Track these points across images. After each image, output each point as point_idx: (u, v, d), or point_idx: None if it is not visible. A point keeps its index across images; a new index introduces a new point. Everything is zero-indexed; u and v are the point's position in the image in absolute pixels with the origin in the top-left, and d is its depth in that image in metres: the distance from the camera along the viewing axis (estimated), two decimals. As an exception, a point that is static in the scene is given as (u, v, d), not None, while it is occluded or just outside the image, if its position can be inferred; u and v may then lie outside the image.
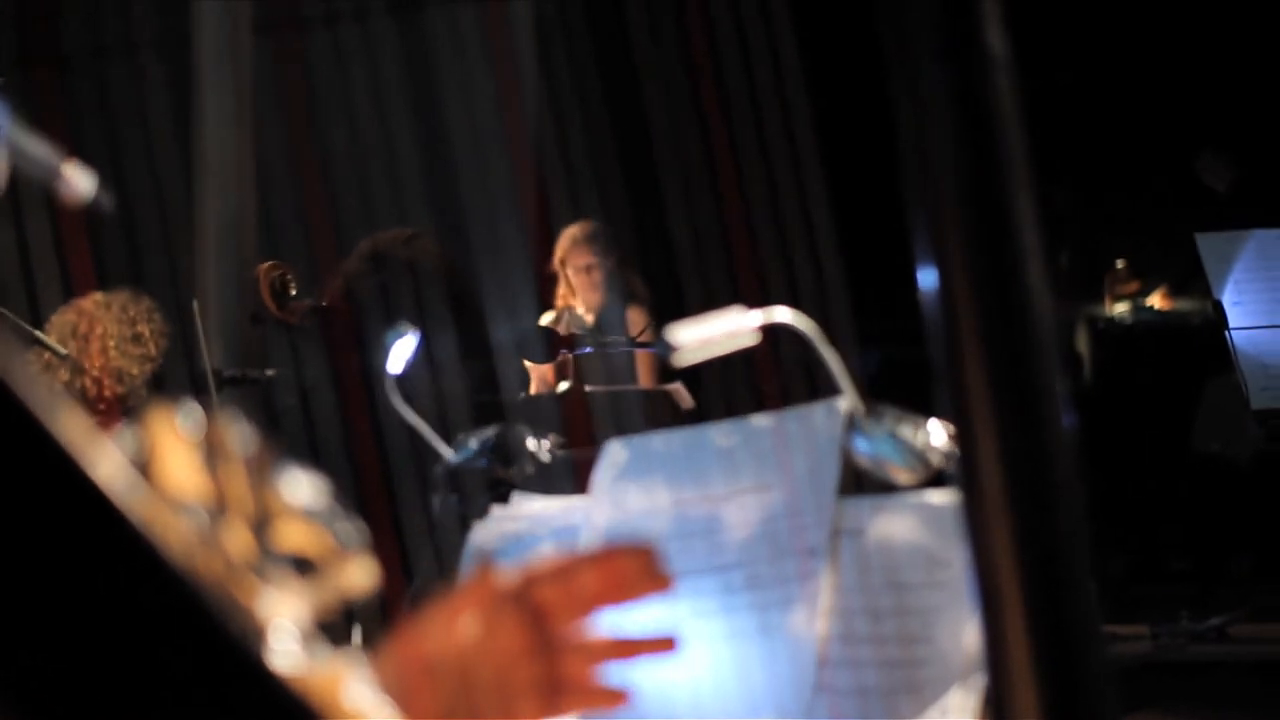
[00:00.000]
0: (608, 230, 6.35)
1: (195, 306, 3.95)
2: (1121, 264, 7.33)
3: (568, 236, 6.32)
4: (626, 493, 1.63)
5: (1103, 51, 7.80)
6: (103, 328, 3.53)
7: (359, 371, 3.69)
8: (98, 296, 3.65)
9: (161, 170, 6.73)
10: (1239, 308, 5.46)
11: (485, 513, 1.72)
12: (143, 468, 0.70)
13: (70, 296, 3.71)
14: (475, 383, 3.80)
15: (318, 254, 5.97)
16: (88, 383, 3.50)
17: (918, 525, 1.48)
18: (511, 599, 1.18)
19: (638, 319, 6.21)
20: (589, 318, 6.17)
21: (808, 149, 7.05)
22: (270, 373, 4.23)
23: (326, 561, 0.75)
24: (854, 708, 1.44)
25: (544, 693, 1.17)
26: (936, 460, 1.54)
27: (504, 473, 2.38)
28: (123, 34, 7.07)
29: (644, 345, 5.40)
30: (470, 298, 3.96)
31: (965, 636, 1.41)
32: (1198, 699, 5.06)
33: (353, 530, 0.77)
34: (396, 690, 0.91)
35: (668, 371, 5.27)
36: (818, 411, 1.57)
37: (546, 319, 6.11)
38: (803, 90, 7.04)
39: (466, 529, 1.73)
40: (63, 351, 3.44)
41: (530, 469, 2.36)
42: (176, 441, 0.72)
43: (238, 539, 0.71)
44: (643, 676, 1.23)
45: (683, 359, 1.77)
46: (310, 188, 6.90)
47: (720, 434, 1.61)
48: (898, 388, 1.88)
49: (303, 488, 0.76)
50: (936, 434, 1.53)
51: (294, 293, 4.04)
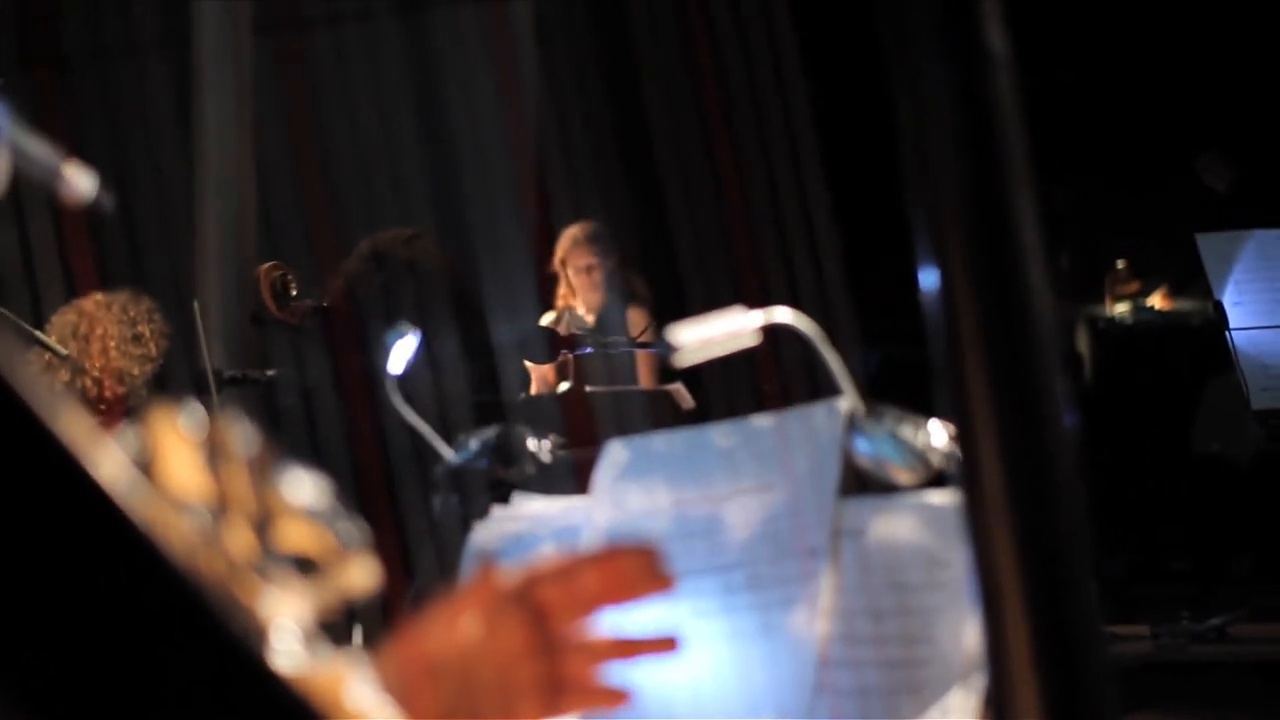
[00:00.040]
0: (608, 231, 6.34)
1: (195, 307, 3.95)
2: (1122, 264, 7.33)
3: (568, 237, 6.32)
4: (627, 493, 1.63)
5: (1103, 51, 7.80)
6: (103, 328, 3.53)
7: (360, 372, 3.69)
8: (98, 297, 3.65)
9: (163, 170, 6.73)
10: (1239, 308, 5.46)
11: (486, 513, 1.72)
12: (145, 468, 0.70)
13: (73, 296, 3.71)
14: (476, 383, 3.80)
15: (319, 254, 5.97)
16: (88, 383, 3.49)
17: (918, 525, 1.48)
18: (513, 599, 1.19)
19: (638, 319, 6.20)
20: (589, 318, 6.17)
21: (808, 149, 7.04)
22: (271, 373, 4.23)
23: (328, 561, 0.75)
24: (855, 708, 1.44)
25: (545, 693, 1.17)
26: (937, 460, 1.54)
27: (505, 473, 2.37)
28: (123, 34, 7.07)
29: (645, 345, 5.40)
30: (471, 298, 3.95)
31: (966, 637, 1.41)
32: (1198, 699, 5.06)
33: (354, 530, 0.77)
34: (398, 690, 0.91)
35: (668, 372, 5.27)
36: (818, 412, 1.57)
37: (547, 319, 6.10)
38: (803, 90, 7.04)
39: (467, 529, 1.73)
40: (63, 352, 3.44)
41: (531, 469, 2.36)
42: (178, 441, 0.72)
43: (239, 539, 0.71)
44: (644, 676, 1.23)
45: (683, 359, 1.77)
46: (311, 188, 6.90)
47: (721, 434, 1.61)
48: (898, 388, 1.87)
49: (304, 488, 0.76)
50: (937, 434, 1.53)
51: (295, 293, 4.03)
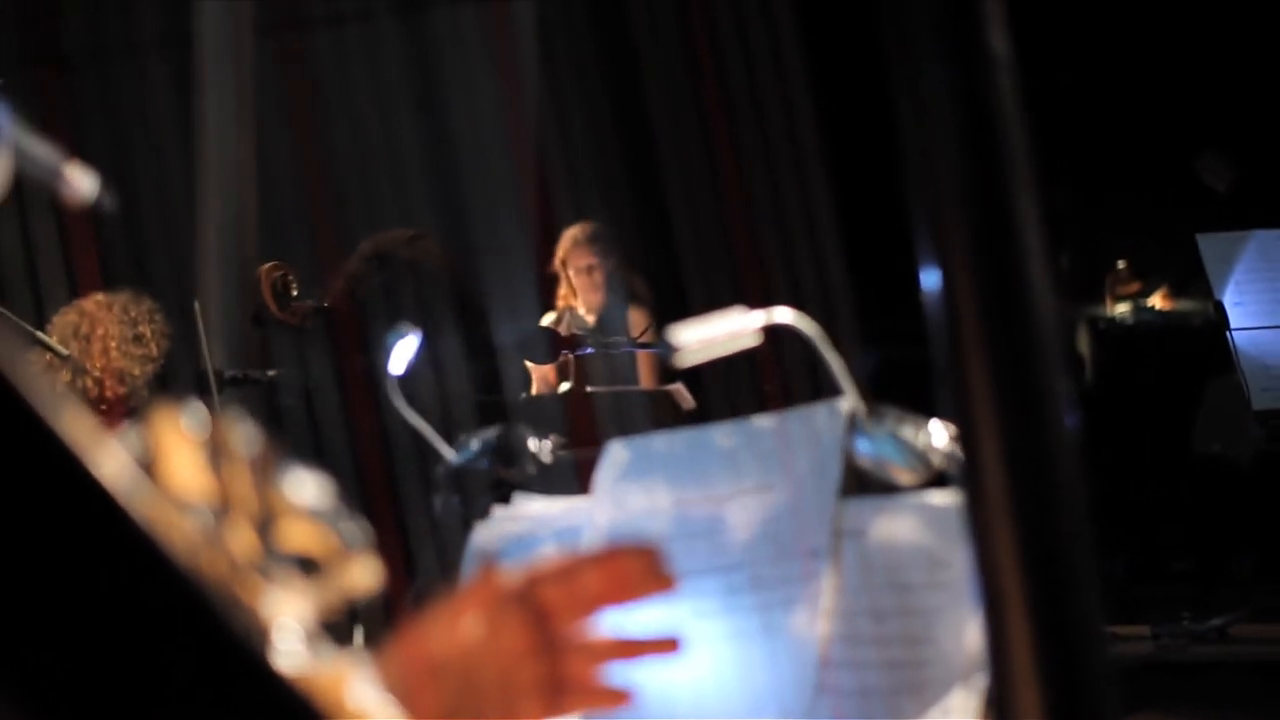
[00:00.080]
0: (609, 231, 6.34)
1: (196, 307, 3.95)
2: (1123, 264, 7.33)
3: (569, 237, 6.32)
4: (628, 493, 1.63)
5: (1104, 52, 7.80)
6: (104, 328, 3.53)
7: (361, 372, 3.68)
8: (99, 297, 3.65)
9: (165, 170, 6.73)
10: (1240, 308, 5.46)
11: (487, 513, 1.72)
12: (147, 468, 0.70)
13: (75, 297, 3.71)
14: (477, 383, 3.80)
15: (320, 255, 5.97)
16: (89, 383, 3.49)
17: (920, 526, 1.48)
18: (514, 599, 1.19)
19: (639, 320, 6.20)
20: (590, 318, 6.17)
21: (810, 149, 7.04)
22: (272, 373, 4.22)
23: (330, 561, 0.75)
24: (856, 708, 1.44)
25: (547, 693, 1.17)
26: (938, 461, 1.54)
27: (506, 473, 2.37)
28: (124, 34, 7.08)
29: (645, 346, 5.39)
30: (472, 298, 3.95)
31: (967, 637, 1.41)
32: (1199, 699, 5.06)
33: (356, 530, 0.77)
34: (400, 690, 0.91)
35: (669, 372, 5.26)
36: (820, 412, 1.57)
37: (547, 320, 6.10)
38: (805, 90, 7.04)
39: (469, 530, 1.73)
40: (64, 352, 3.44)
41: (532, 469, 2.36)
42: (181, 441, 0.72)
43: (242, 539, 0.72)
44: (645, 677, 1.23)
45: (684, 360, 1.76)
46: (313, 188, 6.90)
47: (722, 434, 1.61)
48: (900, 388, 1.88)
49: (306, 488, 0.76)
50: (938, 435, 1.53)
51: (296, 293, 4.03)
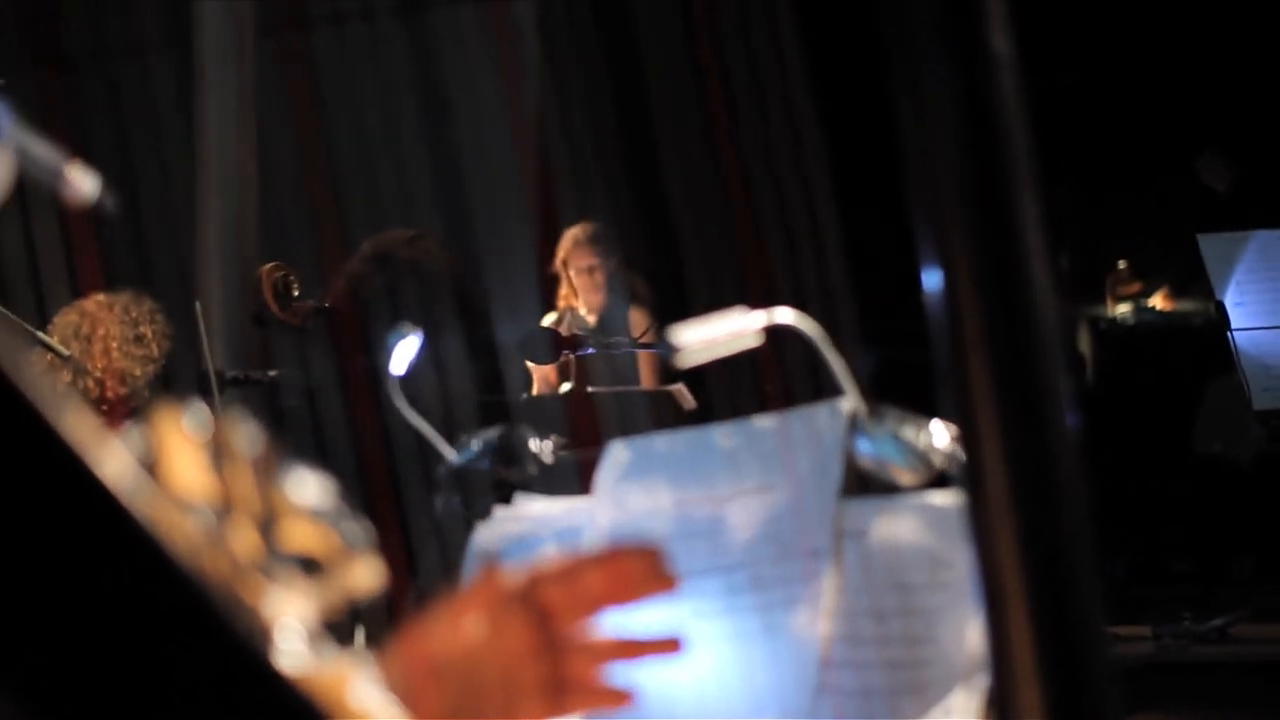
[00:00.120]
0: (610, 231, 6.34)
1: (197, 307, 3.95)
2: (1123, 265, 7.33)
3: (569, 238, 6.32)
4: (629, 494, 1.63)
5: (1105, 52, 7.80)
6: (105, 329, 3.53)
7: (363, 372, 3.68)
8: (100, 297, 3.65)
9: (166, 171, 6.73)
10: (1241, 308, 5.46)
11: (488, 514, 1.72)
12: (149, 468, 0.70)
13: (77, 297, 3.71)
14: (478, 384, 3.80)
15: (322, 255, 5.97)
16: (90, 384, 3.50)
17: (921, 526, 1.48)
18: (516, 599, 1.19)
19: (640, 320, 6.20)
20: (591, 319, 6.17)
21: (811, 149, 7.05)
22: (273, 374, 4.23)
23: (332, 561, 0.75)
24: (857, 708, 1.44)
25: (549, 693, 1.17)
26: (939, 461, 1.54)
27: (507, 473, 2.38)
28: (126, 34, 7.08)
29: (647, 346, 5.39)
30: (474, 298, 3.95)
31: (969, 637, 1.41)
32: (1200, 700, 5.06)
33: (358, 530, 0.77)
34: (402, 690, 0.91)
35: (670, 372, 5.26)
36: (821, 412, 1.57)
37: (549, 320, 6.10)
38: (806, 91, 7.04)
39: (470, 530, 1.73)
40: (65, 353, 3.44)
41: (533, 470, 2.36)
42: (183, 441, 0.72)
43: (244, 539, 0.72)
44: (647, 677, 1.23)
45: (686, 360, 1.77)
46: (314, 188, 6.90)
47: (723, 435, 1.61)
48: (901, 389, 1.88)
49: (309, 488, 0.76)
50: (939, 435, 1.53)
51: (297, 294, 4.03)
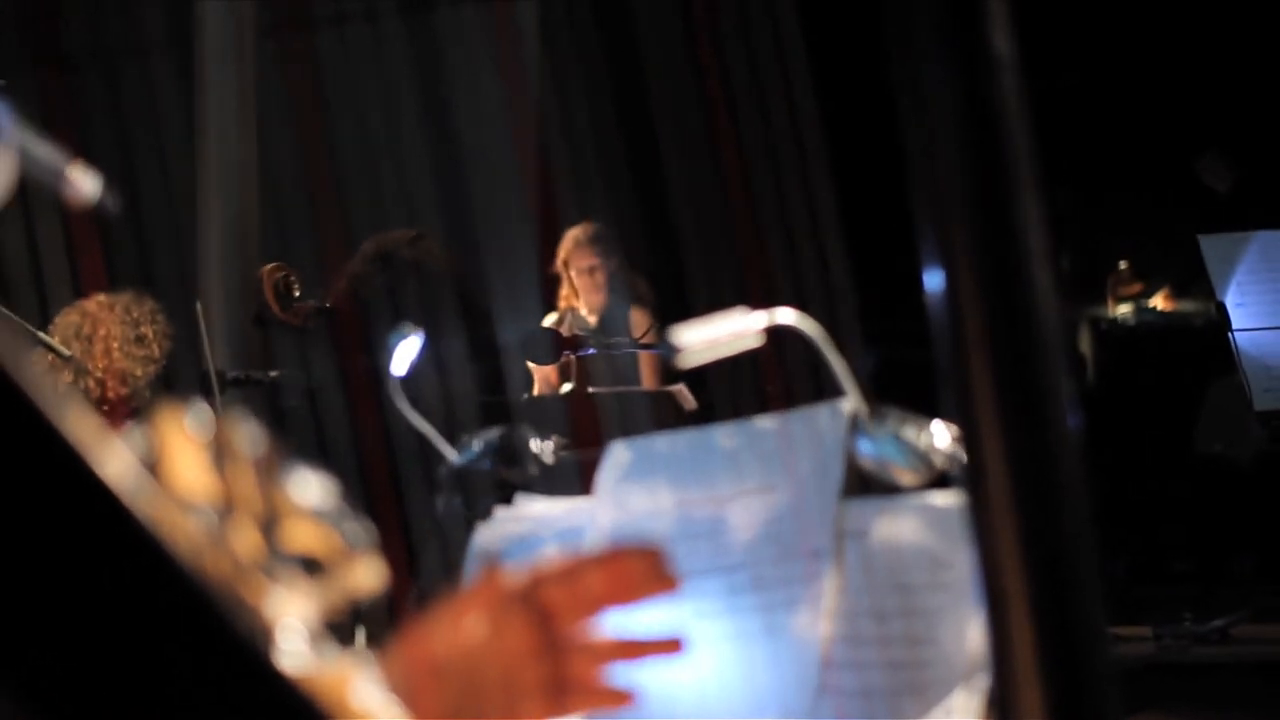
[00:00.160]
0: (610, 232, 6.34)
1: (199, 307, 3.95)
2: (1124, 265, 7.33)
3: (570, 238, 6.32)
4: (631, 494, 1.63)
5: (1106, 53, 7.80)
6: (106, 329, 3.53)
7: (364, 373, 3.69)
8: (101, 298, 3.65)
9: (168, 171, 6.73)
10: (1242, 309, 5.46)
11: (490, 514, 1.72)
12: (151, 468, 0.70)
13: (80, 297, 3.71)
14: (480, 384, 3.80)
15: (323, 255, 5.97)
16: (91, 384, 3.50)
17: (922, 527, 1.48)
18: (517, 600, 1.19)
19: (641, 320, 6.20)
20: (592, 319, 6.17)
21: (812, 150, 7.05)
22: (274, 374, 4.23)
23: (334, 561, 0.75)
24: (858, 709, 1.44)
25: (550, 693, 1.17)
26: (940, 462, 1.54)
27: (508, 474, 2.37)
28: (127, 35, 7.08)
29: (647, 347, 5.39)
30: (475, 299, 3.95)
31: (969, 638, 1.41)
32: (1200, 700, 5.06)
33: (360, 530, 0.77)
34: (403, 690, 0.91)
35: (671, 373, 5.26)
36: (822, 413, 1.57)
37: (550, 320, 6.10)
38: (807, 91, 7.05)
39: (471, 530, 1.73)
40: (66, 353, 3.44)
41: (534, 470, 2.36)
42: (184, 442, 0.72)
43: (246, 539, 0.72)
44: (648, 677, 1.23)
45: (687, 360, 1.77)
46: (315, 189, 6.90)
47: (724, 435, 1.61)
48: (902, 389, 1.88)
49: (310, 488, 0.76)
50: (940, 435, 1.53)
51: (298, 294, 4.03)
